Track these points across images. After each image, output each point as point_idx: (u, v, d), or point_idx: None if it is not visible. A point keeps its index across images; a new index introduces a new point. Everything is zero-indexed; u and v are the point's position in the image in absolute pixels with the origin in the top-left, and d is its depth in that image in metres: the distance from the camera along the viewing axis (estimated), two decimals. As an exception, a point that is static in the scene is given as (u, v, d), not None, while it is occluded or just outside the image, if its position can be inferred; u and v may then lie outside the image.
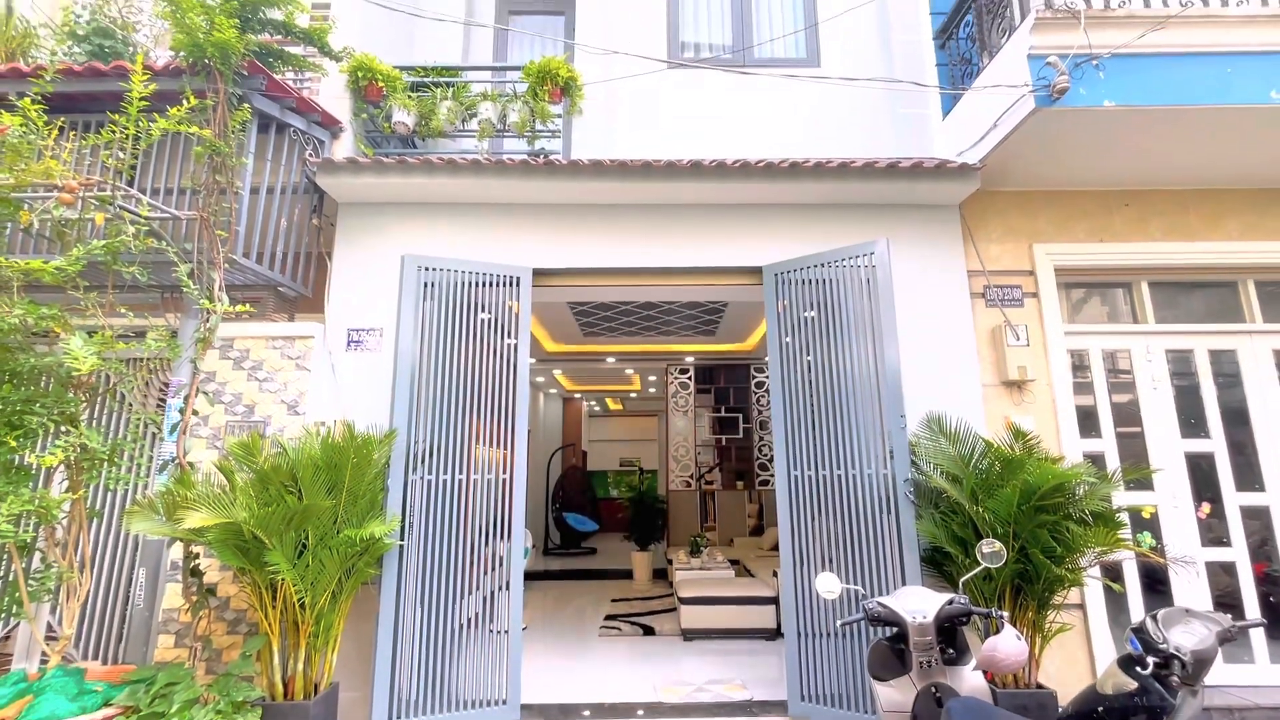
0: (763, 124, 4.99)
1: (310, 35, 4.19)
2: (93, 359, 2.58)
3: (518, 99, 4.73)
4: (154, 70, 3.57)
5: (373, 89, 4.68)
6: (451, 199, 4.42)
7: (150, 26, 4.84)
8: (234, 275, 3.97)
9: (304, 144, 4.26)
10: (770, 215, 4.47)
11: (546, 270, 4.41)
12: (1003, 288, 4.34)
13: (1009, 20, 3.93)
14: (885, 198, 4.39)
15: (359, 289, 4.32)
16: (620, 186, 4.30)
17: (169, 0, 3.32)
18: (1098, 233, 4.46)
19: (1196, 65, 3.57)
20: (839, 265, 4.01)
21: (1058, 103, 3.54)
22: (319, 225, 4.49)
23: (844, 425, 3.83)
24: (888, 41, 5.11)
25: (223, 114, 3.52)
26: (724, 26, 5.31)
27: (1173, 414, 4.30)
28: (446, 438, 3.89)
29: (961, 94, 4.41)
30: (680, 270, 4.47)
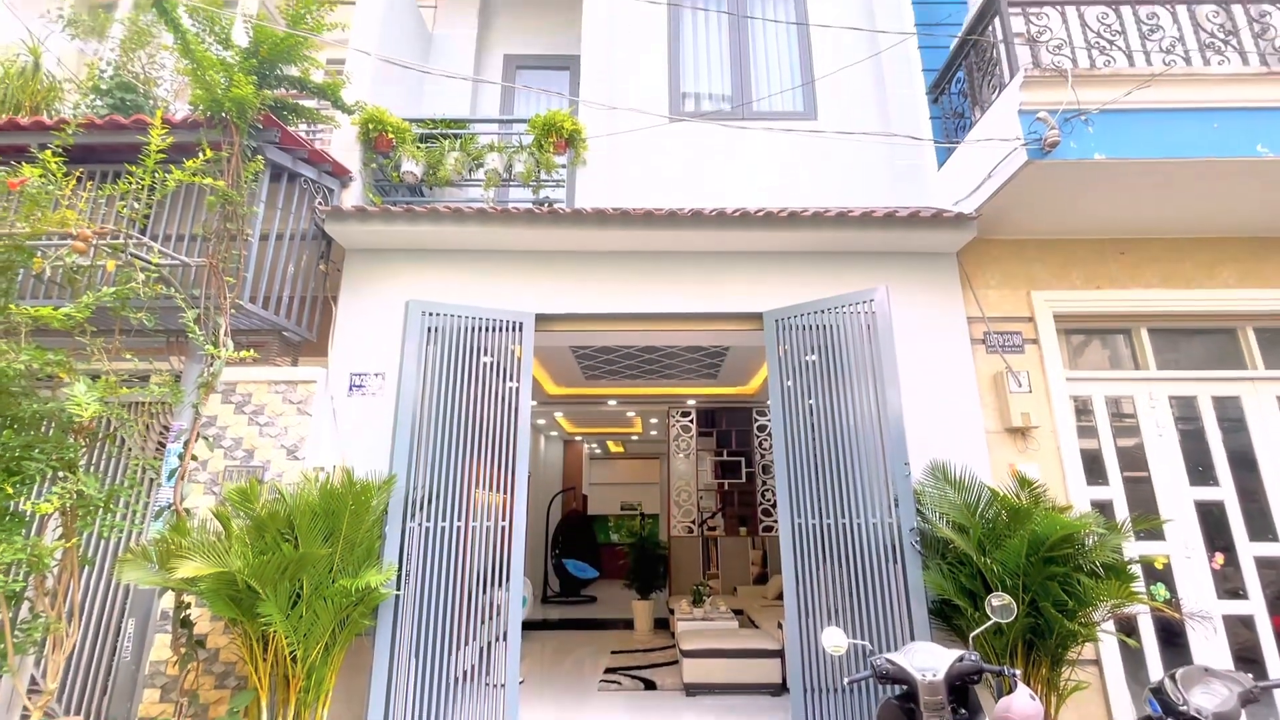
0: (763, 172, 5.11)
1: (324, 90, 4.35)
2: (95, 405, 2.58)
3: (523, 150, 4.87)
4: (172, 123, 3.70)
5: (383, 140, 4.83)
6: (456, 246, 4.50)
7: (171, 80, 5.02)
8: (240, 320, 4.01)
9: (314, 193, 4.37)
10: (771, 262, 4.53)
11: (549, 315, 4.45)
12: (1003, 334, 4.36)
13: (999, 77, 4.06)
14: (884, 246, 4.46)
15: (363, 334, 4.35)
16: (623, 234, 4.38)
17: (190, 58, 3.46)
18: (1094, 280, 4.51)
19: (1184, 120, 3.67)
20: (839, 312, 4.04)
21: (1049, 156, 3.63)
22: (325, 271, 4.56)
23: (848, 472, 3.79)
24: (883, 95, 5.27)
25: (236, 165, 3.62)
26: (723, 78, 5.49)
27: (1180, 461, 4.25)
28: (446, 483, 3.85)
29: (955, 146, 4.53)
30: (682, 316, 4.50)
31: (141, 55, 4.62)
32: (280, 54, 3.96)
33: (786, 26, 5.64)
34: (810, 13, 5.58)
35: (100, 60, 4.93)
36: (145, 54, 4.63)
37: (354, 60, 5.02)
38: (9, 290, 3.05)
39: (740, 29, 5.55)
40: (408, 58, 5.86)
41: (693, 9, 5.68)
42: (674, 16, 5.56)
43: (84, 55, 5.21)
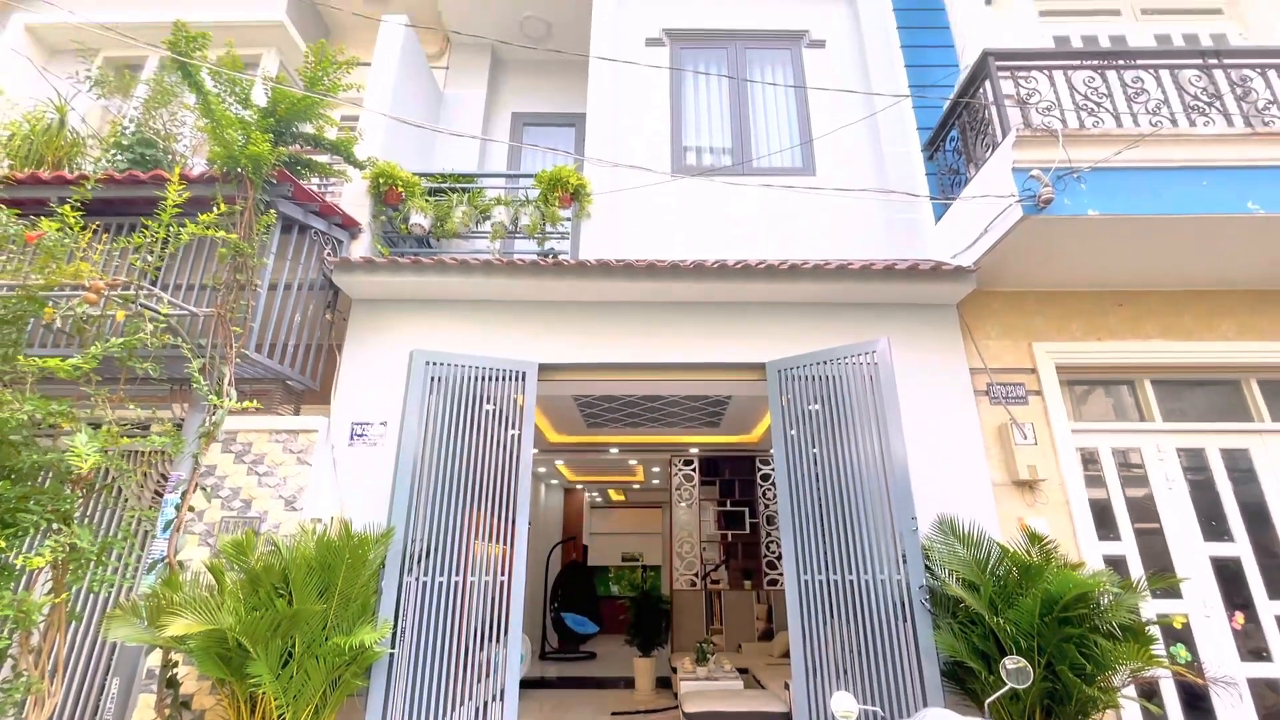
0: (764, 223, 5.21)
1: (338, 146, 4.49)
2: (95, 456, 2.57)
3: (529, 203, 4.98)
4: (189, 179, 3.80)
5: (393, 193, 4.95)
6: (461, 296, 4.55)
7: (190, 136, 5.19)
8: (244, 369, 4.02)
9: (323, 244, 4.46)
10: (772, 313, 4.57)
11: (552, 365, 4.46)
12: (1005, 385, 4.35)
13: (991, 136, 4.19)
14: (884, 297, 4.50)
15: (366, 383, 4.36)
16: (626, 285, 4.44)
17: (210, 117, 3.59)
18: (1094, 331, 4.53)
19: (1174, 178, 3.76)
20: (842, 362, 4.05)
21: (1044, 211, 3.71)
22: (332, 320, 4.61)
23: (853, 526, 3.72)
24: (879, 152, 5.42)
25: (249, 218, 3.71)
26: (724, 133, 5.66)
27: (1191, 514, 4.18)
28: (445, 535, 3.79)
29: (952, 201, 4.63)
30: (684, 366, 4.52)
31: (163, 113, 4.79)
32: (297, 113, 4.11)
33: (787, 90, 5.85)
34: (807, 73, 5.80)
35: (123, 117, 5.12)
36: (167, 112, 4.80)
37: (368, 118, 5.20)
38: (18, 340, 3.08)
39: (740, 89, 5.76)
40: (420, 115, 6.07)
41: (694, 73, 5.92)
42: (676, 77, 5.78)
43: (108, 112, 5.41)
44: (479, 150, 6.42)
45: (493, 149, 6.62)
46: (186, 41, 3.46)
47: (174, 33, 3.46)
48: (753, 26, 6.01)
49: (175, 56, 3.43)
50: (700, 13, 6.08)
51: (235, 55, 3.96)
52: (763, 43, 5.97)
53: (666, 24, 6.01)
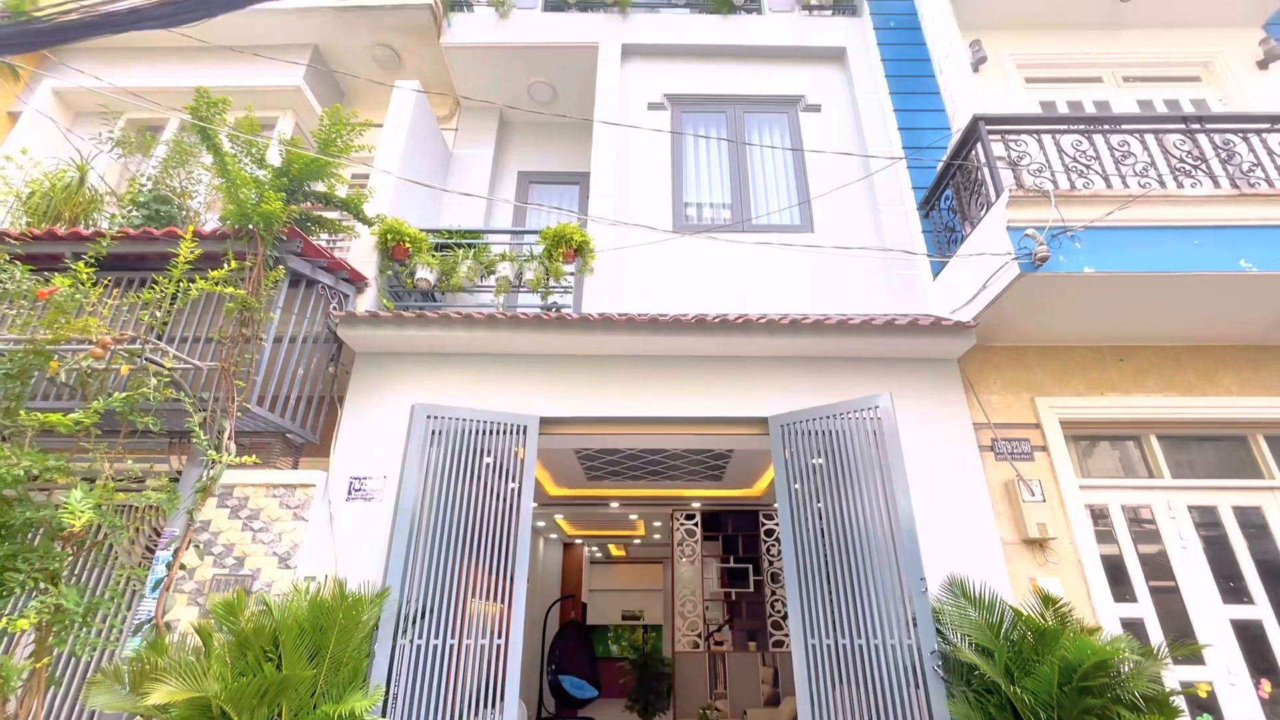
0: (764, 278, 5.29)
1: (348, 204, 4.61)
2: (88, 513, 2.53)
3: (534, 259, 5.07)
4: (201, 235, 3.89)
5: (400, 249, 5.05)
6: (464, 350, 4.58)
7: (205, 192, 5.33)
8: (245, 422, 4.01)
9: (330, 298, 4.51)
10: (774, 367, 4.58)
11: (554, 419, 4.44)
12: (1010, 441, 4.32)
13: (985, 195, 4.30)
14: (885, 352, 4.52)
15: (366, 437, 4.33)
16: (628, 339, 4.47)
17: (225, 176, 3.70)
18: (1097, 386, 4.53)
19: (1167, 237, 3.84)
20: (845, 418, 4.03)
21: (1040, 269, 3.76)
22: (335, 373, 4.62)
23: (861, 585, 3.62)
24: (876, 210, 5.55)
25: (259, 273, 3.77)
26: (724, 190, 5.81)
27: (1208, 574, 4.07)
28: (441, 594, 3.69)
29: (949, 259, 4.71)
30: (686, 420, 4.49)
31: (180, 171, 4.94)
32: (309, 173, 4.24)
33: (784, 152, 6.04)
34: (804, 135, 6.00)
35: (142, 175, 5.27)
36: (184, 170, 4.95)
37: (378, 176, 5.36)
38: (21, 394, 3.08)
39: (739, 149, 5.96)
40: (429, 173, 6.26)
41: (694, 136, 6.13)
42: (677, 137, 5.98)
43: (127, 170, 5.58)
44: (485, 207, 6.59)
45: (499, 205, 6.79)
46: (208, 107, 3.61)
47: (196, 98, 3.62)
48: (750, 92, 6.27)
49: (196, 121, 3.56)
50: (700, 79, 6.35)
51: (253, 118, 4.12)
52: (760, 106, 6.21)
53: (667, 89, 6.27)
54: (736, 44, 6.47)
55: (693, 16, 6.64)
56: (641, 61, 6.44)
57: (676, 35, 6.51)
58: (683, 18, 6.64)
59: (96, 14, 2.28)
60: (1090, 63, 6.03)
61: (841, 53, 6.39)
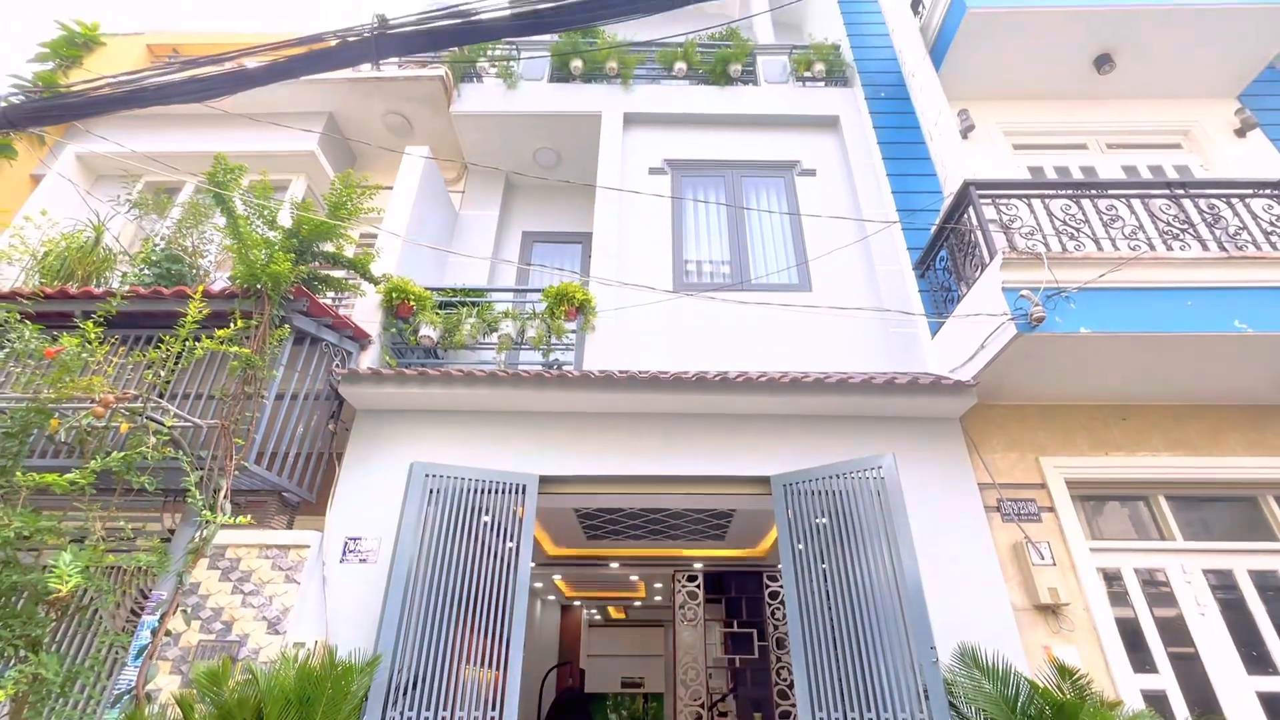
0: (764, 336, 5.33)
1: (355, 264, 4.72)
2: (76, 578, 2.47)
3: (536, 316, 5.14)
4: (210, 294, 3.96)
5: (404, 307, 5.13)
6: (465, 407, 4.58)
7: (216, 252, 5.45)
8: (242, 480, 3.97)
9: (333, 355, 4.55)
10: (776, 426, 4.56)
11: (553, 478, 4.40)
12: (1016, 501, 4.25)
13: (979, 257, 4.39)
14: (887, 411, 4.51)
15: (363, 496, 4.28)
16: (628, 397, 4.47)
17: (237, 238, 3.80)
18: (1101, 446, 4.49)
19: (1161, 298, 3.90)
20: (848, 478, 3.99)
21: (1036, 329, 3.80)
22: (334, 430, 4.61)
23: (870, 655, 3.49)
24: (872, 270, 5.66)
25: (264, 332, 3.81)
26: (723, 250, 5.94)
27: (1229, 643, 3.92)
28: (434, 661, 3.56)
29: (945, 319, 4.76)
30: (687, 479, 4.45)
31: (194, 231, 5.08)
32: (318, 235, 4.35)
33: (781, 214, 6.21)
34: (800, 198, 6.18)
35: (156, 235, 5.41)
36: (197, 231, 5.08)
37: (385, 237, 5.50)
38: (19, 453, 3.07)
39: (737, 212, 6.12)
40: (436, 233, 6.43)
41: (694, 200, 6.32)
42: (678, 201, 6.17)
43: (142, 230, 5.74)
44: (490, 267, 6.72)
45: (503, 265, 6.93)
46: (225, 173, 3.75)
47: (214, 165, 3.76)
48: (748, 157, 6.50)
49: (212, 187, 3.69)
50: (699, 145, 6.60)
51: (267, 182, 4.28)
52: (757, 171, 6.42)
53: (668, 154, 6.50)
54: (734, 113, 6.75)
55: (692, 87, 6.97)
56: (642, 129, 6.71)
57: (676, 105, 6.81)
58: (682, 89, 6.96)
59: (126, 89, 2.40)
60: (1074, 130, 6.27)
61: (835, 121, 6.66)
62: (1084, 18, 5.81)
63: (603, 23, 2.31)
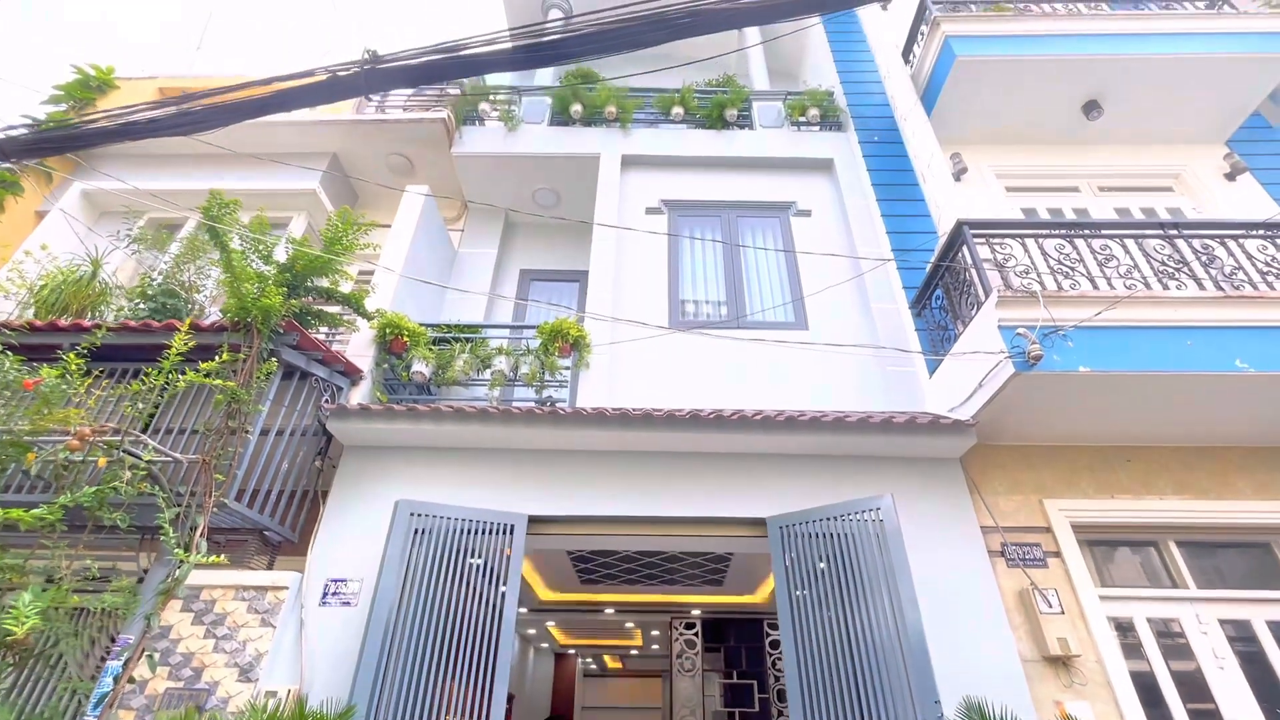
0: (760, 374, 5.28)
1: (350, 299, 4.71)
2: (33, 619, 2.35)
3: (530, 353, 5.10)
4: (200, 328, 3.93)
5: (398, 342, 5.10)
6: (454, 445, 4.49)
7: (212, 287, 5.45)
8: (221, 518, 3.86)
9: (322, 391, 4.49)
10: (772, 466, 4.46)
11: (543, 518, 4.28)
12: (1021, 546, 4.11)
13: (974, 295, 4.37)
14: (885, 450, 4.42)
15: (347, 536, 4.15)
16: (622, 435, 4.39)
17: (230, 272, 3.79)
18: (1106, 488, 4.38)
19: (1160, 336, 3.85)
20: (846, 519, 3.87)
21: (1034, 368, 3.74)
22: (321, 468, 4.51)
23: (871, 707, 3.30)
24: (868, 309, 5.64)
25: (251, 365, 3.77)
26: (719, 288, 5.94)
27: (1252, 699, 3.72)
28: (413, 715, 3.37)
29: (943, 355, 4.71)
30: (681, 520, 4.32)
31: (190, 266, 5.09)
32: (313, 269, 4.35)
33: (777, 255, 6.24)
34: (795, 237, 6.22)
35: (153, 270, 5.43)
36: (194, 265, 5.10)
37: (382, 273, 5.51)
38: (-9, 487, 2.98)
39: (733, 250, 6.16)
40: (434, 270, 6.45)
41: (690, 239, 6.36)
42: (674, 239, 6.21)
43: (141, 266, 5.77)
44: (486, 304, 6.72)
45: (500, 302, 6.94)
46: (219, 207, 3.77)
47: (209, 199, 3.78)
48: (744, 198, 6.57)
49: (208, 222, 3.71)
50: (695, 186, 6.68)
51: (264, 218, 4.30)
52: (753, 211, 6.48)
53: (665, 195, 6.58)
54: (730, 155, 6.87)
55: (689, 131, 7.10)
56: (640, 170, 6.81)
57: (673, 148, 6.93)
58: (679, 132, 7.10)
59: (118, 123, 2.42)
60: (1066, 174, 6.35)
61: (829, 163, 6.76)
62: (1069, 65, 5.95)
63: (592, 58, 2.34)
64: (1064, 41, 5.96)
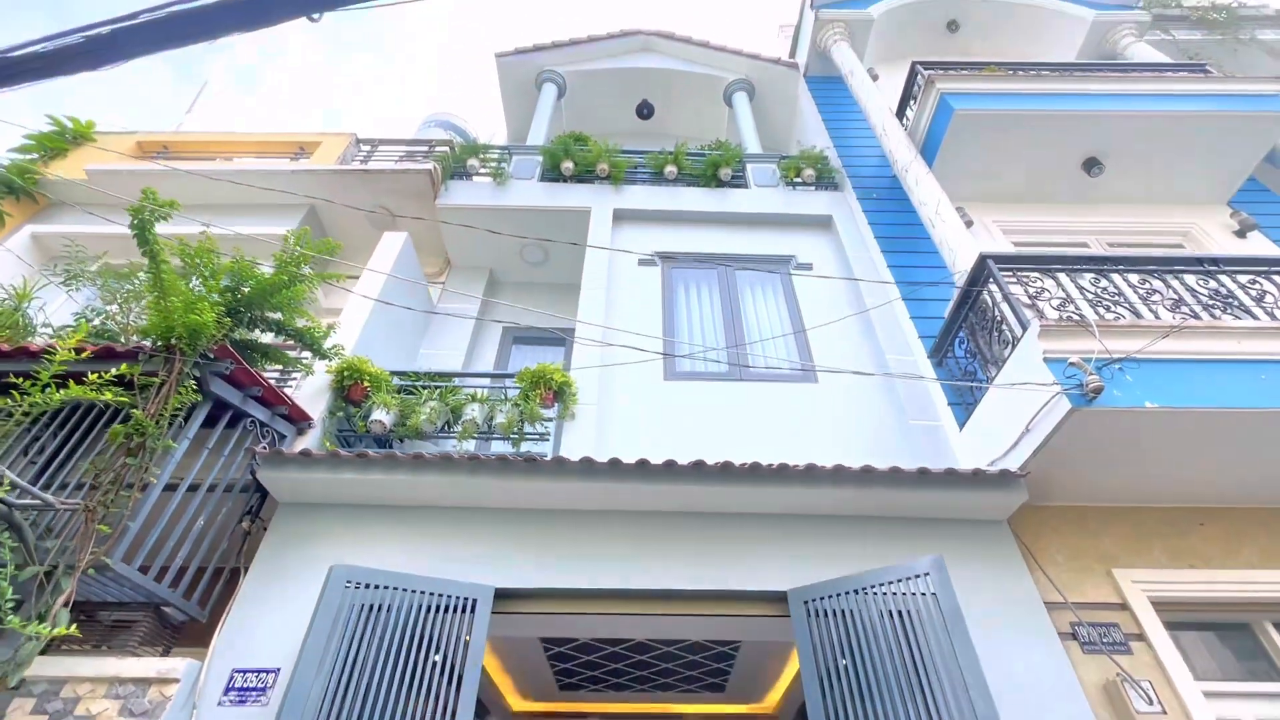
0: (765, 432, 4.68)
1: (304, 334, 4.14)
2: None
3: (508, 401, 4.50)
4: (114, 352, 3.31)
5: (357, 389, 4.49)
6: (410, 500, 3.78)
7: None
8: (106, 587, 3.07)
9: (260, 436, 3.82)
10: (789, 529, 3.78)
11: (513, 592, 3.50)
12: (1096, 627, 3.38)
13: (1006, 332, 3.90)
14: (920, 509, 3.77)
15: (268, 613, 3.34)
16: (611, 490, 3.72)
17: (155, 286, 3.24)
18: (1180, 556, 3.72)
19: (1231, 370, 3.38)
20: (887, 591, 3.14)
21: (1094, 403, 3.21)
22: (249, 530, 3.74)
23: None
24: (882, 362, 5.15)
25: (168, 393, 3.12)
26: (718, 339, 5.44)
27: None
28: None
29: (975, 403, 4.18)
30: (681, 595, 3.56)
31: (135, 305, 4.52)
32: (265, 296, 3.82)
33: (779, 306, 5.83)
34: (798, 291, 5.83)
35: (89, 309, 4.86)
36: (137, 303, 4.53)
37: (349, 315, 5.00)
38: None
39: (732, 301, 5.74)
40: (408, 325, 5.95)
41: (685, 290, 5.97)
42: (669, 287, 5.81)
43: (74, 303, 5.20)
44: (465, 356, 6.18)
45: (478, 361, 6.40)
46: (152, 210, 3.28)
47: (141, 197, 3.29)
48: (741, 251, 6.26)
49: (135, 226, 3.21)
50: (690, 240, 6.39)
51: (212, 240, 3.82)
52: (752, 264, 6.14)
53: (658, 248, 6.26)
54: (725, 211, 6.65)
55: (683, 189, 6.92)
56: (633, 225, 6.55)
57: (666, 204, 6.71)
58: (673, 190, 6.91)
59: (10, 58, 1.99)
60: (1073, 230, 6.15)
61: (828, 219, 6.54)
62: (1065, 120, 5.90)
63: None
64: (1058, 98, 5.95)
